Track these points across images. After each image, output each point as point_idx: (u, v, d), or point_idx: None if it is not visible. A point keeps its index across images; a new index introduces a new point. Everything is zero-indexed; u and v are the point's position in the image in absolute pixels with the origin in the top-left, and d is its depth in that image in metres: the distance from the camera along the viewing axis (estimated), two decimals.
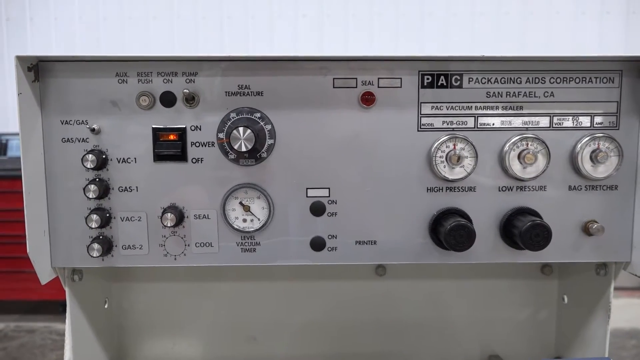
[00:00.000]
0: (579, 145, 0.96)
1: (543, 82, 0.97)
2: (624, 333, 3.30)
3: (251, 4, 3.91)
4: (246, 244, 0.99)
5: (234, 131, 0.91)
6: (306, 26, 3.91)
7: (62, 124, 0.95)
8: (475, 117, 0.97)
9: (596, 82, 0.97)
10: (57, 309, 3.57)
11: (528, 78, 0.97)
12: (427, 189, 0.98)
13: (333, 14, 3.91)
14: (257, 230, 0.98)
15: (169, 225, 0.95)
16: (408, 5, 3.87)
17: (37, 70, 0.93)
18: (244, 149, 0.91)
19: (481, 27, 3.87)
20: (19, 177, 0.90)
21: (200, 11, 3.95)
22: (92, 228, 0.95)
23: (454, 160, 0.95)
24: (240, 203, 0.98)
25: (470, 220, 0.97)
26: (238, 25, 3.94)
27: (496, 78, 0.97)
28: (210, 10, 3.94)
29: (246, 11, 3.91)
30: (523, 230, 0.92)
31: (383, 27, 3.89)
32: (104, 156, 0.95)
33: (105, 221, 0.96)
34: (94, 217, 0.94)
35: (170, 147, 0.95)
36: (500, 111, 0.97)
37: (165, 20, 3.95)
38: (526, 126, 0.97)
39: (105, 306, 1.22)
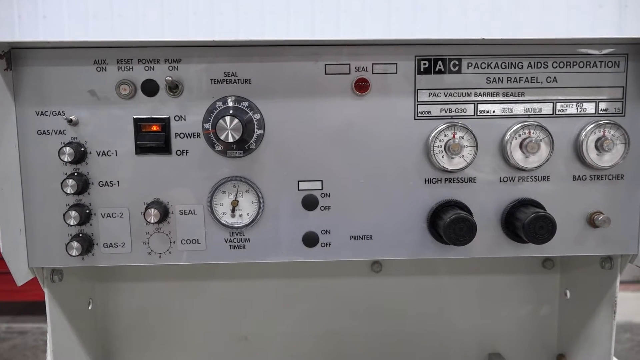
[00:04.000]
0: (584, 133, 0.92)
1: (545, 66, 0.93)
2: (617, 327, 3.30)
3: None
4: (235, 240, 0.95)
5: (221, 121, 0.87)
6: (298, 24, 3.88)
7: (38, 115, 0.90)
8: (474, 104, 0.93)
9: (601, 67, 0.93)
10: None
11: (530, 62, 0.92)
12: (425, 181, 0.94)
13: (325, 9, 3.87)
14: (246, 225, 0.94)
15: (152, 221, 0.91)
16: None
17: (9, 57, 0.88)
18: (231, 139, 0.87)
19: (473, 21, 3.85)
20: None
21: (192, 7, 3.90)
22: (71, 225, 0.91)
23: (453, 149, 0.91)
24: (229, 197, 0.93)
25: (470, 213, 0.93)
26: (229, 22, 3.90)
27: (496, 63, 0.92)
28: (201, 6, 3.90)
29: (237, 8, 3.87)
30: (526, 222, 0.88)
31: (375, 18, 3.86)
32: (82, 149, 0.91)
33: (85, 218, 0.92)
34: (73, 213, 0.90)
35: (153, 138, 0.91)
36: (501, 97, 0.93)
37: (155, 17, 3.90)
38: (528, 113, 0.93)
39: (89, 308, 1.17)
